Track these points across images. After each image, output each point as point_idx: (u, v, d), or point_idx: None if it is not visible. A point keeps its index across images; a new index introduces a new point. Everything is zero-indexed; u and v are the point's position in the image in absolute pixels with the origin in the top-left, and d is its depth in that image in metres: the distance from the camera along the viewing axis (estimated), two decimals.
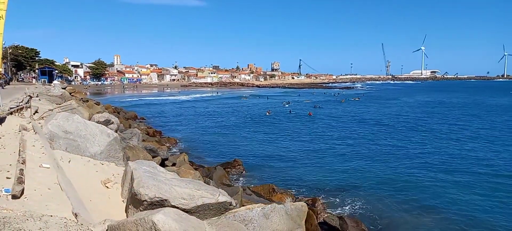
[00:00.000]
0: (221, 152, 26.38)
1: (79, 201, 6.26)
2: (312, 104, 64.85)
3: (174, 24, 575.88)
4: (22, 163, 6.98)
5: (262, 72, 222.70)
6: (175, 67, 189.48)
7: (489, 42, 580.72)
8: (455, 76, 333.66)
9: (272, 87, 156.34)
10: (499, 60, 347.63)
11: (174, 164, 18.81)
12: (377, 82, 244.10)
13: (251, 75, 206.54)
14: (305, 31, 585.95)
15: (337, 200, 16.26)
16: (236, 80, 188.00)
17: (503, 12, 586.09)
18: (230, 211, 7.08)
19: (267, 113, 50.41)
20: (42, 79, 78.07)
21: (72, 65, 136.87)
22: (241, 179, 19.53)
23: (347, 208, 15.39)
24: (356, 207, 15.41)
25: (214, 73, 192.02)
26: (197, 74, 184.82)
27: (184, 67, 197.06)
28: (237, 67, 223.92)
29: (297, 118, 47.32)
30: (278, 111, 55.16)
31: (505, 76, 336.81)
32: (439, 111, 55.78)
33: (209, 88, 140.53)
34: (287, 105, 65.33)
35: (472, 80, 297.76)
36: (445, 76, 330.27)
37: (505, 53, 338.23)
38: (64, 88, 47.92)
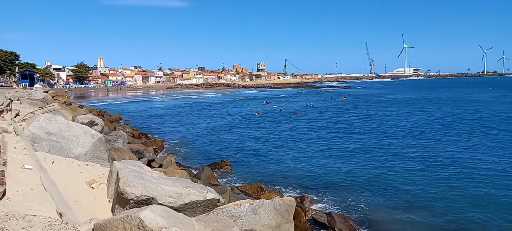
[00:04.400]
0: (209, 152, 26.26)
1: (64, 202, 6.13)
2: (303, 105, 64.97)
3: (158, 25, 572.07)
4: (3, 165, 6.79)
5: (248, 73, 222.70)
6: (160, 69, 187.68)
7: (469, 40, 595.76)
8: (438, 73, 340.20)
9: (259, 87, 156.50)
10: (481, 59, 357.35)
11: (160, 166, 18.62)
12: (359, 81, 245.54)
13: (237, 75, 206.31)
14: (290, 31, 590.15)
15: (325, 197, 16.39)
16: (222, 81, 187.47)
17: (482, 11, 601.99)
18: (218, 208, 7.05)
19: (257, 114, 49.95)
20: (23, 83, 76.18)
21: (54, 69, 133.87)
22: (229, 179, 19.48)
23: (335, 204, 15.52)
24: (344, 203, 15.56)
25: (199, 74, 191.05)
26: (182, 76, 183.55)
27: (169, 69, 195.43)
28: (223, 68, 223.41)
29: (285, 117, 47.45)
30: (268, 111, 55.22)
31: (484, 73, 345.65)
32: (423, 107, 56.77)
33: (195, 90, 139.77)
34: (267, 104, 65.88)
35: (454, 77, 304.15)
36: (427, 73, 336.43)
37: (485, 51, 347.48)
38: (46, 92, 46.89)
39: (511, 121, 38.69)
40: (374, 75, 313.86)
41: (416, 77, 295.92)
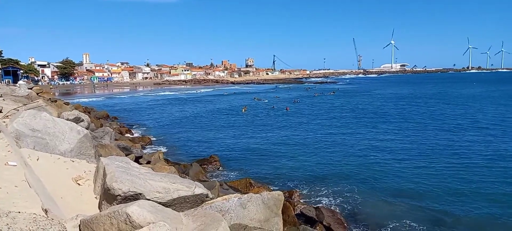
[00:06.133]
0: (197, 149, 26.16)
1: (49, 198, 6.03)
2: (291, 100, 65.29)
3: (145, 21, 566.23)
4: None
5: (236, 69, 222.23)
6: (147, 65, 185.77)
7: (455, 36, 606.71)
8: (424, 69, 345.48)
9: (247, 83, 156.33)
10: (465, 54, 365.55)
11: (148, 162, 18.47)
12: (344, 77, 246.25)
13: (226, 72, 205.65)
14: (279, 27, 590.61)
15: (313, 191, 16.51)
16: (211, 77, 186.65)
17: (468, 7, 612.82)
18: (206, 203, 7.05)
19: (243, 111, 49.55)
20: (6, 80, 74.67)
21: (38, 65, 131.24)
22: (217, 174, 19.44)
23: (323, 198, 15.65)
24: (332, 198, 15.70)
25: (187, 70, 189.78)
26: (170, 72, 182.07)
27: (156, 65, 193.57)
28: (211, 64, 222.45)
29: (274, 112, 47.56)
30: (254, 106, 55.24)
31: (469, 68, 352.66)
32: (410, 102, 57.54)
33: (183, 86, 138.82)
34: (258, 101, 66.00)
35: (440, 72, 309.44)
36: (414, 69, 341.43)
37: (469, 46, 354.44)
38: (31, 89, 45.97)
39: (497, 115, 39.52)
40: (362, 71, 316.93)
41: (402, 73, 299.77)
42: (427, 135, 28.70)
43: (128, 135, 30.13)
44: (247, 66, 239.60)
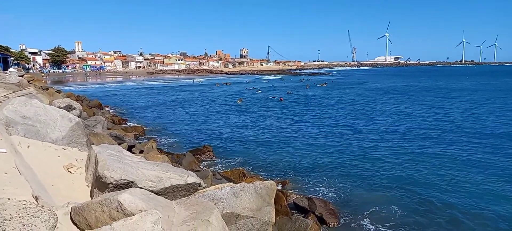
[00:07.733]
0: (191, 139, 26.10)
1: (40, 185, 5.98)
2: (285, 91, 65.44)
3: (138, 9, 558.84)
4: None
5: (230, 59, 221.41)
6: (141, 54, 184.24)
7: (449, 30, 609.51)
8: (417, 62, 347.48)
9: (241, 74, 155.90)
10: (459, 48, 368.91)
11: (141, 151, 18.39)
12: (340, 69, 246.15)
13: (220, 62, 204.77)
14: (274, 18, 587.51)
15: (306, 182, 16.60)
16: (204, 67, 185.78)
17: (461, 3, 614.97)
18: (199, 191, 7.04)
19: (239, 102, 49.34)
20: None
21: (29, 52, 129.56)
22: (211, 164, 19.44)
23: (315, 189, 15.74)
24: (324, 188, 15.80)
25: (181, 60, 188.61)
26: (163, 61, 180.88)
27: (150, 54, 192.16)
28: (205, 54, 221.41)
29: (268, 103, 47.56)
30: (248, 96, 55.19)
31: (462, 61, 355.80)
32: (402, 94, 57.89)
33: (177, 76, 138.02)
34: (255, 91, 66.10)
35: (433, 65, 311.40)
36: (408, 62, 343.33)
37: (463, 40, 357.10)
38: (22, 76, 45.29)
39: (489, 107, 39.97)
40: (356, 63, 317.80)
41: (396, 66, 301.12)
42: (419, 126, 28.92)
43: (121, 124, 29.95)
44: (241, 56, 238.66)
